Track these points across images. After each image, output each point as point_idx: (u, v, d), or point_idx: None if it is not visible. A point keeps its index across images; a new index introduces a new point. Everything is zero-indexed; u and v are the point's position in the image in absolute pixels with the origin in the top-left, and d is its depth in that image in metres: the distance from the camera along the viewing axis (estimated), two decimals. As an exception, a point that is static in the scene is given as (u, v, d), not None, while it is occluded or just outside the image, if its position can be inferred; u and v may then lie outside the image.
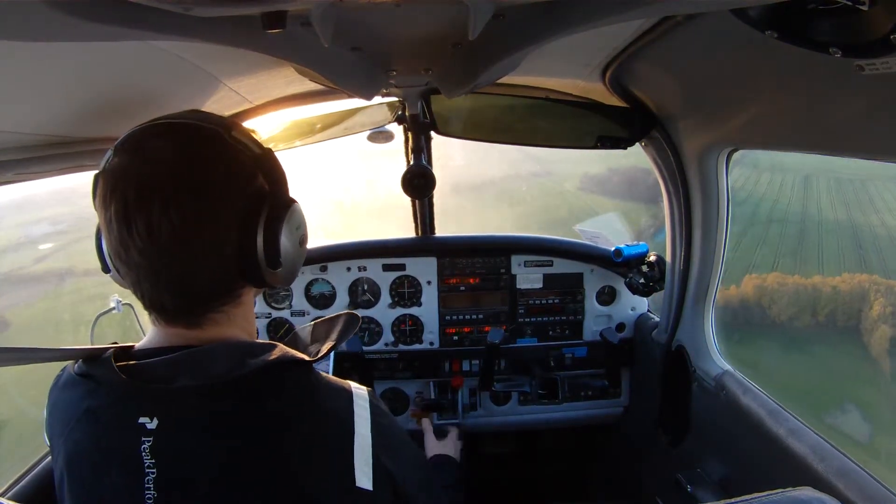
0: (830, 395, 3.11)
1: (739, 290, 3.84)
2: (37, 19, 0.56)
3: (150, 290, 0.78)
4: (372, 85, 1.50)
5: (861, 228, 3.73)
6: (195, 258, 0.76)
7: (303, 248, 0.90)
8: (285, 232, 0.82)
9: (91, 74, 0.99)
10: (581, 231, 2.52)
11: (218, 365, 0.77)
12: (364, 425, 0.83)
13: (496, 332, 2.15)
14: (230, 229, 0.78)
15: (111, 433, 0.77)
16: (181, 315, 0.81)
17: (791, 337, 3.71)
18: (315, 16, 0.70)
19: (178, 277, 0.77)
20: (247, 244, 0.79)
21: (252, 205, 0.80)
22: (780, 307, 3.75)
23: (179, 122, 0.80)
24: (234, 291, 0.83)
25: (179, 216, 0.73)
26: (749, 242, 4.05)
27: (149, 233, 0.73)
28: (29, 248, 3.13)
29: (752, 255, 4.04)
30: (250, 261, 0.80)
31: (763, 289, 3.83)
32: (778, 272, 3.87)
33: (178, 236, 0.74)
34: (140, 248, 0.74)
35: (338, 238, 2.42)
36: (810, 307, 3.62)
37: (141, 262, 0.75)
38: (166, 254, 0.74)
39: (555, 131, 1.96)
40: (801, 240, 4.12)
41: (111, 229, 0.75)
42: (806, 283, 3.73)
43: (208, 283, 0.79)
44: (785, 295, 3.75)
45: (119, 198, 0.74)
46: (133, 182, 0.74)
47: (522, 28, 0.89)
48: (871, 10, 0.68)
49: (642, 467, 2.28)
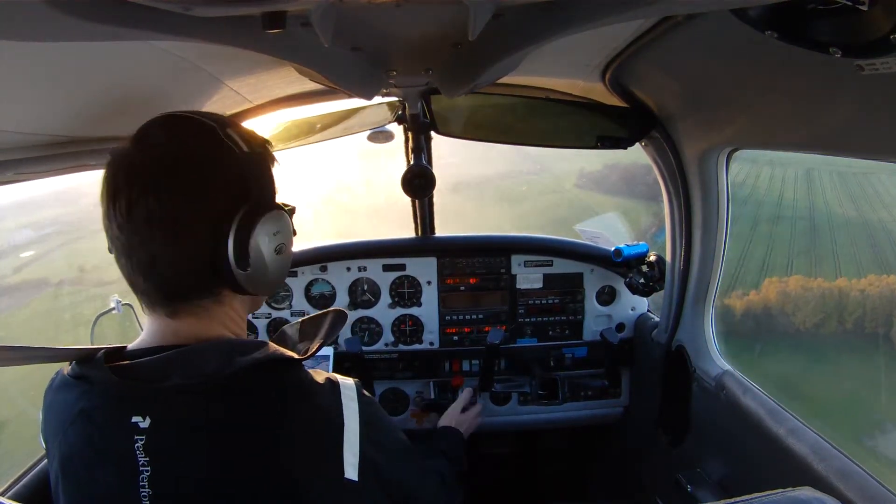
0: (867, 412, 2.84)
1: (760, 296, 3.66)
2: (37, 19, 0.56)
3: (126, 267, 0.81)
4: (372, 85, 1.50)
5: (873, 225, 3.57)
6: (164, 243, 0.78)
7: (281, 257, 0.88)
8: (260, 236, 0.82)
9: (91, 74, 0.99)
10: (581, 231, 2.52)
11: (208, 363, 0.78)
12: (352, 416, 0.84)
13: (496, 332, 2.14)
14: (203, 223, 0.79)
15: (105, 433, 0.77)
16: (157, 300, 0.83)
17: (818, 347, 3.48)
18: (315, 16, 0.70)
19: (148, 259, 0.79)
20: (219, 241, 0.80)
21: (232, 203, 0.81)
22: (804, 314, 3.54)
23: (180, 115, 0.84)
24: (211, 289, 0.84)
25: (157, 200, 0.76)
26: (760, 241, 3.90)
27: (128, 211, 0.76)
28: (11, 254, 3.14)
29: (766, 255, 3.89)
30: (220, 260, 0.80)
31: (786, 294, 3.63)
32: (800, 275, 3.68)
33: (152, 218, 0.76)
34: (119, 223, 0.78)
35: (337, 238, 2.43)
36: (836, 313, 3.40)
37: (119, 238, 0.79)
38: (139, 234, 0.77)
39: (555, 131, 1.96)
40: (812, 237, 3.94)
41: (102, 206, 0.80)
42: (831, 286, 3.50)
43: (178, 271, 0.80)
44: (810, 301, 3.54)
45: (111, 177, 0.79)
46: (125, 165, 0.79)
47: (522, 28, 0.89)
48: (871, 10, 0.68)
49: (642, 467, 2.28)
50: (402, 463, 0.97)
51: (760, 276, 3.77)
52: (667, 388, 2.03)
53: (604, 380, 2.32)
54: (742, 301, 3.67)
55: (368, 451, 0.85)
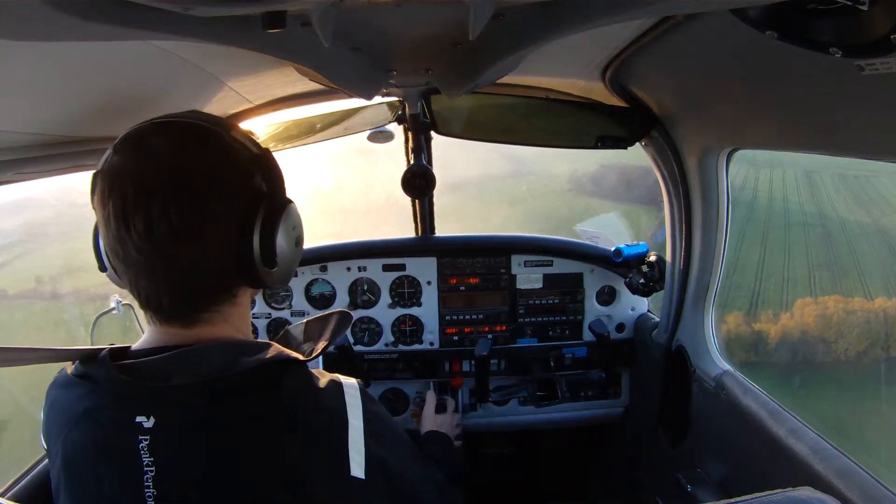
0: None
1: (796, 319, 3.29)
2: (37, 19, 0.56)
3: (147, 288, 0.78)
4: (372, 85, 1.50)
5: (889, 232, 3.24)
6: (193, 257, 0.76)
7: (299, 249, 0.91)
8: (282, 232, 0.83)
9: (91, 74, 0.99)
10: (581, 231, 2.52)
11: (213, 363, 0.78)
12: (356, 415, 0.85)
13: (483, 343, 2.11)
14: (228, 229, 0.78)
15: (109, 433, 0.77)
16: (178, 313, 0.81)
17: (867, 381, 3.03)
18: (315, 16, 0.70)
19: (177, 276, 0.77)
20: (244, 244, 0.80)
21: (250, 205, 0.80)
22: (848, 342, 3.09)
23: (178, 120, 0.80)
24: (231, 291, 0.84)
25: (179, 215, 0.73)
26: (775, 250, 3.61)
27: (147, 231, 0.73)
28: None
29: (783, 268, 3.59)
30: (247, 260, 0.80)
31: (824, 318, 3.21)
32: (835, 294, 3.27)
33: (177, 235, 0.74)
34: (138, 245, 0.74)
35: (337, 238, 2.42)
36: (882, 340, 2.99)
37: (139, 260, 0.75)
38: (164, 252, 0.75)
39: (555, 131, 1.97)
40: (829, 247, 3.59)
41: (109, 226, 0.75)
42: (872, 307, 3.09)
43: (206, 281, 0.80)
44: (853, 326, 3.08)
45: (118, 195, 0.74)
46: (132, 180, 0.74)
47: (522, 28, 0.89)
48: (871, 10, 0.68)
49: (642, 467, 2.28)
50: (408, 462, 0.97)
51: (784, 293, 3.51)
52: (667, 388, 2.03)
53: (601, 372, 2.29)
54: (775, 326, 3.36)
55: (374, 449, 0.85)
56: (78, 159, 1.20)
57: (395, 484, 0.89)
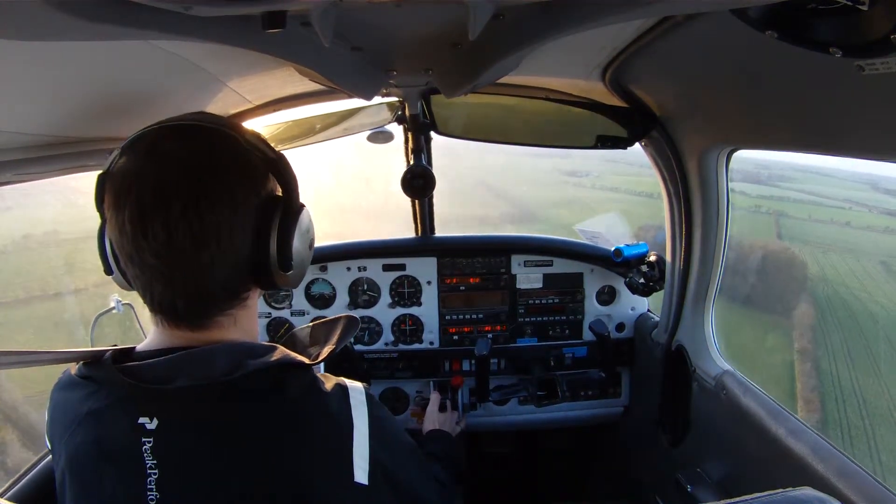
0: None
1: None
2: (37, 19, 0.56)
3: (162, 293, 0.77)
4: (372, 85, 1.50)
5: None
6: (212, 262, 0.76)
7: (311, 251, 0.93)
8: (297, 235, 0.84)
9: (91, 74, 0.99)
10: (581, 231, 2.52)
11: (218, 365, 0.77)
12: (362, 419, 0.84)
13: (483, 343, 2.11)
14: (245, 232, 0.79)
15: (112, 434, 0.77)
16: (189, 317, 0.81)
17: None
18: (315, 16, 0.70)
19: (193, 280, 0.77)
20: (261, 247, 0.80)
21: (266, 209, 0.81)
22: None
23: (193, 124, 0.79)
24: (243, 294, 0.84)
25: (198, 220, 0.73)
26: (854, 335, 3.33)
27: (167, 236, 0.72)
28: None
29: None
30: (263, 264, 0.81)
31: None
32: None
33: (196, 240, 0.74)
34: (156, 250, 0.73)
35: (337, 238, 2.42)
36: None
37: (155, 265, 0.75)
38: (182, 257, 0.74)
39: (555, 131, 1.97)
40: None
41: (124, 231, 0.74)
42: None
43: (221, 286, 0.80)
44: None
45: (134, 200, 0.73)
46: (149, 184, 0.73)
47: (522, 28, 0.89)
48: (871, 10, 0.68)
49: (642, 467, 2.28)
50: (410, 465, 0.97)
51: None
52: (667, 387, 2.03)
53: (601, 371, 2.30)
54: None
55: (378, 454, 0.84)
56: (79, 160, 1.20)
57: (398, 489, 0.89)
